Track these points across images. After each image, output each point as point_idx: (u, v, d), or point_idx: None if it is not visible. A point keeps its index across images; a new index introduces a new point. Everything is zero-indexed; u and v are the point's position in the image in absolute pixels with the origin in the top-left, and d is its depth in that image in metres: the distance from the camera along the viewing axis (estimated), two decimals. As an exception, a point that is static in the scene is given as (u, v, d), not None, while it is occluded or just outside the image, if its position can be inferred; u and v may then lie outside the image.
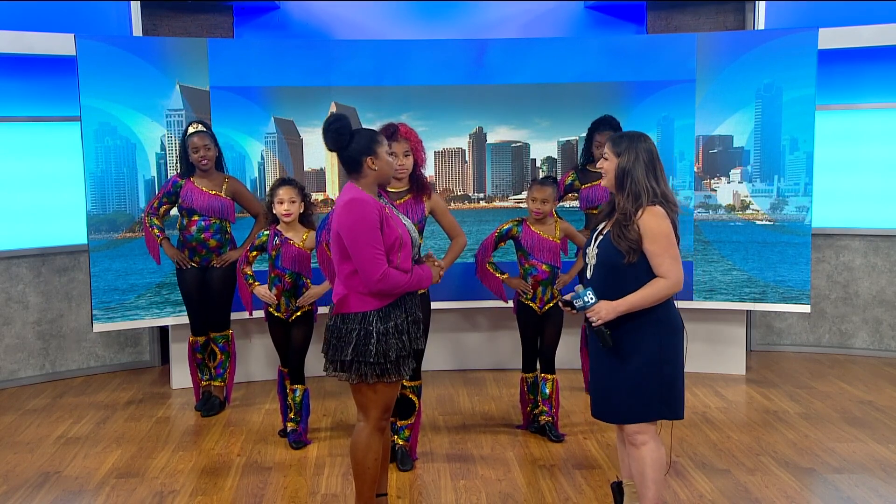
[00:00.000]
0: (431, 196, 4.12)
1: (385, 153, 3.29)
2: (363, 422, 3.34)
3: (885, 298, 6.34)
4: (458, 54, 5.67)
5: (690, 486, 4.01)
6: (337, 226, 3.19)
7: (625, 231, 3.09)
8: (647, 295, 3.09)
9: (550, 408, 4.66)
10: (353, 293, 3.22)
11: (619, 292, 3.12)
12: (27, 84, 5.85)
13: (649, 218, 3.09)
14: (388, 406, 3.35)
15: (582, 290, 3.18)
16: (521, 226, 4.60)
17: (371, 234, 3.13)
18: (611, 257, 3.15)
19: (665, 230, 3.09)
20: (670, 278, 3.09)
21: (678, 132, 5.64)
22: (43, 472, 4.29)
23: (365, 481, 3.36)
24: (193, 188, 4.97)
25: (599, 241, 3.22)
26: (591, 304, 3.15)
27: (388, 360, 3.22)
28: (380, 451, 3.37)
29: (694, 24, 6.41)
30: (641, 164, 3.13)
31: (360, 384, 3.26)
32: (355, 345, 3.19)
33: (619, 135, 3.25)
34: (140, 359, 6.33)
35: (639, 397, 3.15)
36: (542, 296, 4.60)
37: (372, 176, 3.27)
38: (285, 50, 5.62)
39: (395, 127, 3.98)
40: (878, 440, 4.59)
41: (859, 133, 6.29)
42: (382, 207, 3.23)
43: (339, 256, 3.23)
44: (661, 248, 3.08)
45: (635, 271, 3.12)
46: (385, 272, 3.15)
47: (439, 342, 5.89)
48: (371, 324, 3.20)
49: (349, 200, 3.18)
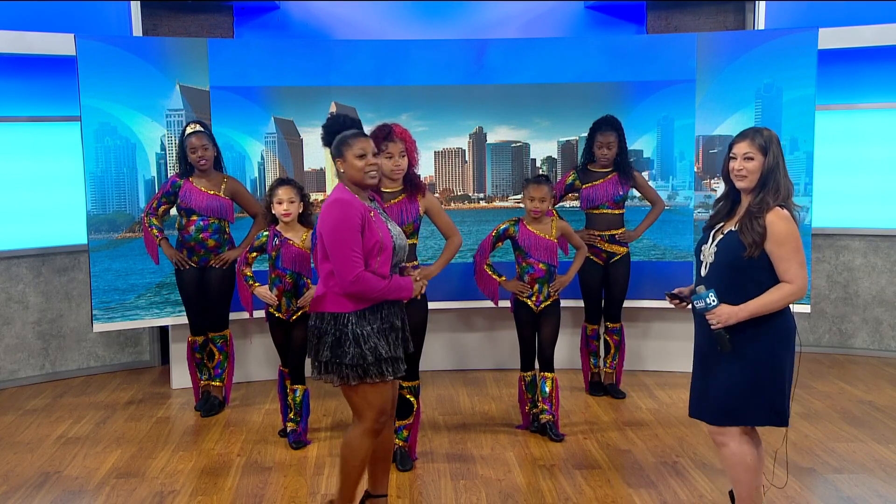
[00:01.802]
0: (426, 195, 4.13)
1: (354, 157, 3.24)
2: (357, 422, 3.34)
3: (885, 298, 6.34)
4: (457, 54, 5.67)
5: (690, 486, 4.01)
6: (320, 224, 3.21)
7: (755, 224, 3.01)
8: (770, 301, 3.02)
9: (551, 406, 4.66)
10: (331, 293, 3.22)
11: (737, 291, 3.05)
12: (27, 84, 5.85)
13: (777, 220, 3.01)
14: (381, 408, 3.33)
15: (704, 290, 3.07)
16: (518, 225, 4.60)
17: (350, 234, 3.13)
18: (731, 256, 3.07)
19: (794, 234, 3.01)
20: (796, 284, 3.01)
21: (678, 132, 5.64)
22: (43, 472, 4.29)
23: (349, 480, 3.37)
24: (192, 188, 4.97)
25: (719, 239, 3.14)
26: (713, 307, 3.05)
27: (366, 363, 3.21)
28: (368, 453, 3.37)
29: (694, 24, 6.41)
30: (782, 161, 3.08)
31: (344, 386, 3.26)
32: (331, 345, 3.20)
33: (754, 130, 3.13)
34: (140, 359, 6.34)
35: (735, 402, 3.11)
36: (539, 294, 4.60)
37: (344, 178, 3.28)
38: (285, 50, 5.62)
39: (389, 128, 3.99)
40: (878, 440, 4.59)
41: (859, 133, 6.29)
42: (367, 210, 3.21)
43: (321, 255, 3.23)
44: (788, 251, 3.01)
45: (754, 274, 3.04)
46: (360, 275, 3.14)
47: (439, 342, 5.90)
48: (346, 325, 3.20)
49: (333, 200, 3.20)
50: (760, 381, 3.10)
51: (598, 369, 5.52)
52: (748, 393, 3.11)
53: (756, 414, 3.14)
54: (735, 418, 3.15)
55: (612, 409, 5.17)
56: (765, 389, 3.10)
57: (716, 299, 3.05)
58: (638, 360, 5.91)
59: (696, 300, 3.09)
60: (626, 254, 5.30)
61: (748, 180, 3.10)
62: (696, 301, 3.09)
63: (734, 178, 3.15)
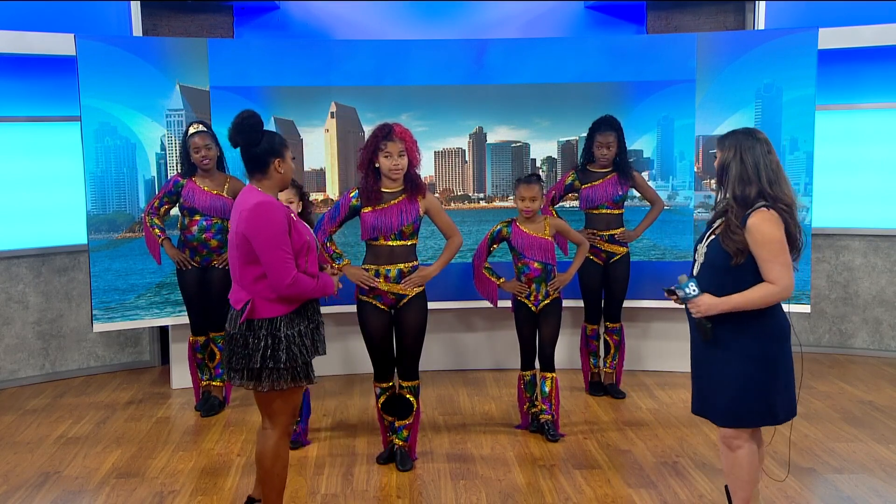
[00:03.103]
0: (426, 195, 4.13)
1: (290, 159, 3.26)
2: (271, 429, 3.32)
3: (885, 298, 6.34)
4: (457, 54, 5.67)
5: (690, 486, 4.01)
6: (243, 229, 3.13)
7: (731, 233, 3.03)
8: (752, 298, 3.02)
9: (550, 406, 4.66)
10: (259, 299, 3.18)
11: (727, 291, 3.06)
12: (27, 84, 5.85)
13: (760, 222, 3.00)
14: (294, 411, 3.37)
15: (685, 280, 3.13)
16: (511, 226, 4.60)
17: (281, 237, 3.11)
18: (718, 258, 3.08)
19: (776, 236, 2.99)
20: (778, 285, 3.00)
21: (678, 132, 5.64)
22: (43, 472, 4.29)
23: (274, 488, 3.36)
24: (195, 188, 4.98)
25: (710, 240, 3.15)
26: (693, 297, 3.10)
27: (297, 365, 3.21)
28: (288, 457, 3.38)
29: (694, 24, 6.41)
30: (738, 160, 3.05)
31: (269, 392, 3.23)
32: (263, 351, 3.16)
33: (731, 131, 3.17)
34: (140, 359, 6.34)
35: (738, 404, 3.12)
36: (537, 293, 4.60)
37: (276, 178, 3.24)
38: (285, 50, 5.61)
39: (390, 127, 3.99)
40: (878, 440, 4.59)
41: (859, 133, 6.29)
42: (289, 211, 3.21)
43: (243, 261, 3.17)
44: (770, 253, 3.00)
45: (742, 274, 3.04)
46: (296, 277, 3.13)
47: (438, 342, 5.90)
48: (279, 329, 3.18)
49: (257, 204, 3.13)
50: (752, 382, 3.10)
51: (598, 369, 5.52)
52: (743, 395, 3.11)
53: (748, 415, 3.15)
54: (743, 420, 3.16)
55: (612, 409, 5.17)
56: (757, 390, 3.10)
57: (696, 289, 3.10)
58: (638, 360, 5.91)
59: (677, 290, 3.15)
60: (626, 254, 5.30)
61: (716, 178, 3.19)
62: (677, 290, 3.15)
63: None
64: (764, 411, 3.13)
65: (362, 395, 5.47)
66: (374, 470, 4.26)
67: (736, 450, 3.20)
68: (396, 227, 4.03)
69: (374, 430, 4.72)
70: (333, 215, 4.14)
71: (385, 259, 4.07)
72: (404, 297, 4.10)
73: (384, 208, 4.03)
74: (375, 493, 4.00)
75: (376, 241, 4.07)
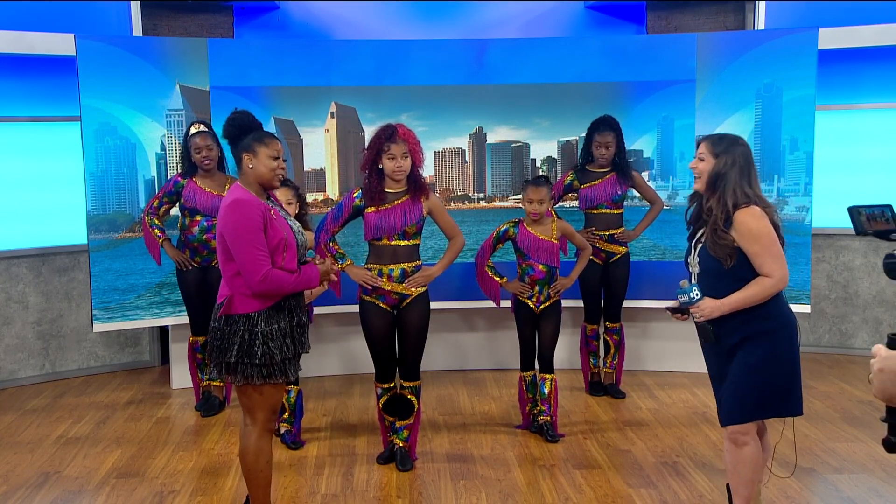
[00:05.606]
0: (429, 196, 4.13)
1: (267, 156, 3.22)
2: (250, 425, 3.32)
3: (885, 298, 6.34)
4: (457, 54, 5.67)
5: (690, 486, 4.01)
6: (220, 227, 3.18)
7: (718, 238, 3.08)
8: (752, 294, 3.07)
9: (549, 407, 4.66)
10: (238, 294, 3.20)
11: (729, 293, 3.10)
12: (27, 84, 5.85)
13: (747, 218, 3.06)
14: (274, 408, 3.35)
15: (688, 285, 3.17)
16: (518, 227, 4.60)
17: (253, 234, 3.11)
18: (712, 264, 3.13)
19: (764, 229, 3.06)
20: (774, 277, 3.06)
21: (678, 132, 5.64)
22: (43, 472, 4.29)
23: (259, 485, 3.36)
24: (196, 188, 4.98)
25: (699, 249, 3.20)
26: (696, 301, 3.15)
27: (274, 362, 3.21)
28: (270, 453, 3.37)
29: (694, 24, 6.41)
30: (737, 169, 3.11)
31: (245, 386, 3.24)
32: (239, 346, 3.17)
33: (718, 135, 3.23)
34: (140, 359, 6.34)
35: (740, 399, 3.14)
36: (539, 295, 4.60)
37: (250, 175, 3.23)
38: (285, 50, 5.61)
39: (393, 128, 3.99)
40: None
41: (859, 133, 6.28)
42: (267, 209, 3.20)
43: (224, 257, 3.21)
44: (761, 247, 3.05)
45: (740, 273, 3.09)
46: (267, 273, 3.13)
47: (439, 342, 5.89)
48: (256, 325, 3.18)
49: (232, 202, 3.16)
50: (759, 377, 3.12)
51: (598, 369, 5.52)
52: (747, 390, 3.13)
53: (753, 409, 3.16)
54: (739, 415, 3.17)
55: (612, 409, 5.17)
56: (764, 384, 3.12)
57: (699, 293, 3.14)
58: (638, 360, 5.91)
59: (680, 294, 3.18)
60: (626, 253, 5.30)
61: (700, 182, 3.20)
62: (680, 295, 3.18)
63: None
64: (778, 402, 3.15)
65: (362, 395, 5.47)
66: (374, 470, 4.26)
67: (742, 446, 3.21)
68: (400, 227, 4.03)
69: (374, 430, 4.72)
70: (336, 215, 4.14)
71: (388, 259, 4.07)
72: (407, 298, 4.10)
73: (388, 208, 4.03)
74: (375, 493, 4.00)
75: (379, 241, 4.07)
